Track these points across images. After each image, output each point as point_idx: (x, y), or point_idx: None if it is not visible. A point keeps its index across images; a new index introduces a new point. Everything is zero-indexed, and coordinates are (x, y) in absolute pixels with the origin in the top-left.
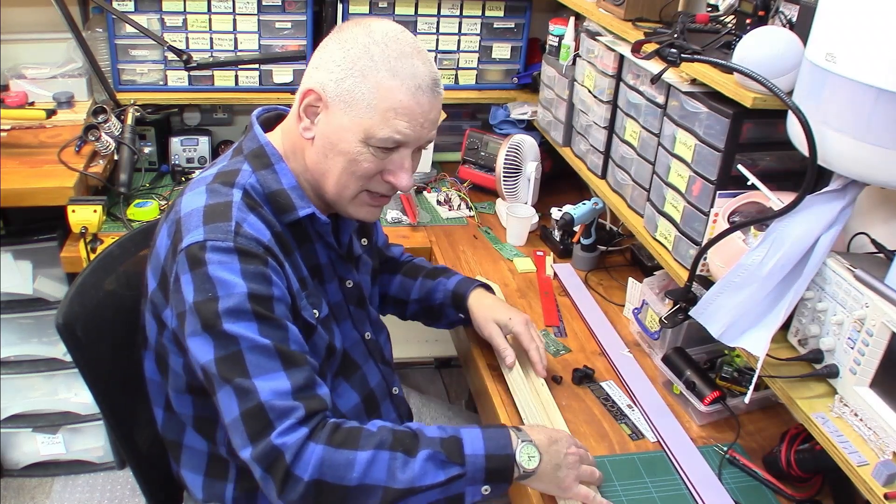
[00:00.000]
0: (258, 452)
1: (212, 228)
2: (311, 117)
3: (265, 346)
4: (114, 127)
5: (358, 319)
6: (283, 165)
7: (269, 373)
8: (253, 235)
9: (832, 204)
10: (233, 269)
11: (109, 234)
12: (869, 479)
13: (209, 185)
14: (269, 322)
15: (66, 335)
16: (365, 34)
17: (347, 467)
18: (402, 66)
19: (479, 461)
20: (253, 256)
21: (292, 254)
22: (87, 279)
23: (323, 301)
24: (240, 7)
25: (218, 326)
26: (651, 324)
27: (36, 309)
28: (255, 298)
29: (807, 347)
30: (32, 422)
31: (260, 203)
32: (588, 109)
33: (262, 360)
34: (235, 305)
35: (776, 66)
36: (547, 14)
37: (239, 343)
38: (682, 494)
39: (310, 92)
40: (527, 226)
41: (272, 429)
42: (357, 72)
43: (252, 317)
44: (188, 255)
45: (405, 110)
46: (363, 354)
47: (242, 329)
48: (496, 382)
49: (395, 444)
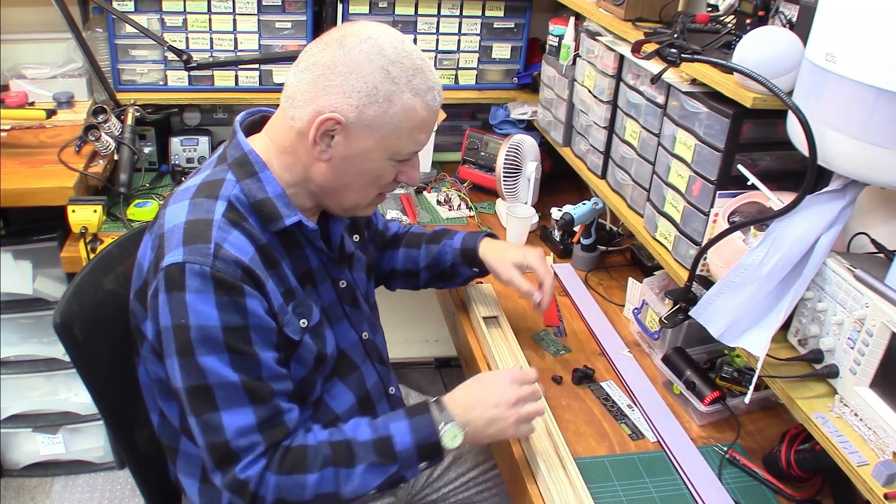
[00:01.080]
0: (226, 482)
1: (191, 250)
2: (327, 141)
3: (233, 384)
4: (114, 127)
5: (354, 319)
6: (268, 173)
7: (235, 407)
8: (233, 257)
9: (832, 204)
10: (208, 300)
11: (109, 234)
12: (869, 479)
13: (192, 199)
14: (241, 355)
15: (63, 334)
16: (377, 53)
17: (301, 489)
18: (420, 82)
19: (411, 453)
20: (229, 287)
21: (278, 265)
22: (86, 279)
23: (314, 307)
24: (240, 7)
25: (190, 357)
26: (651, 324)
27: (36, 309)
28: (229, 331)
29: (807, 347)
30: (32, 422)
31: (245, 215)
32: (588, 109)
33: (230, 396)
34: (208, 337)
35: (776, 66)
36: (547, 14)
37: (208, 377)
38: (682, 494)
39: (328, 120)
40: (527, 226)
41: (237, 463)
42: (382, 97)
43: (224, 349)
44: (167, 276)
45: (426, 124)
46: (361, 355)
47: (213, 363)
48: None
49: (336, 458)
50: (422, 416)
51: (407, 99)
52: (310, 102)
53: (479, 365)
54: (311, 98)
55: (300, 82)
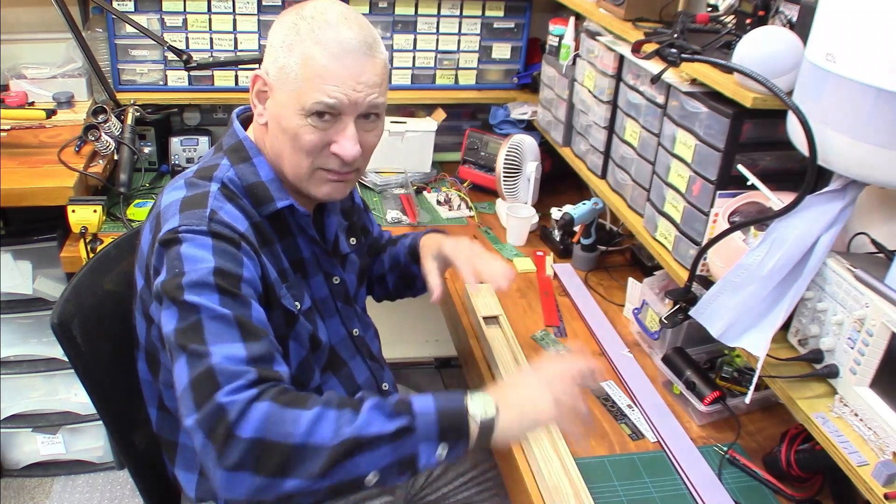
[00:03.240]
0: (202, 415)
1: (187, 216)
2: (263, 103)
3: (225, 316)
4: (114, 127)
5: (346, 316)
6: (261, 159)
7: (226, 341)
8: (228, 222)
9: (832, 204)
10: (204, 245)
11: (109, 234)
12: (869, 479)
13: (188, 180)
14: (232, 296)
15: (61, 336)
16: (295, 13)
17: (293, 423)
18: (325, 34)
19: (431, 417)
20: (226, 239)
21: (272, 245)
22: (83, 280)
23: (305, 294)
24: (240, 7)
25: (180, 297)
26: (651, 324)
27: (36, 309)
28: (221, 273)
29: (807, 347)
30: (32, 422)
31: (238, 195)
32: (588, 109)
33: (221, 329)
34: (200, 278)
35: (776, 66)
36: (547, 14)
37: (199, 312)
38: (682, 494)
39: (256, 78)
40: (527, 226)
41: (219, 388)
42: (286, 48)
43: (215, 289)
44: (163, 243)
45: (331, 75)
46: (350, 351)
47: (203, 299)
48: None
49: (343, 403)
50: (447, 392)
51: (307, 47)
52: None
53: (479, 365)
54: None
55: None
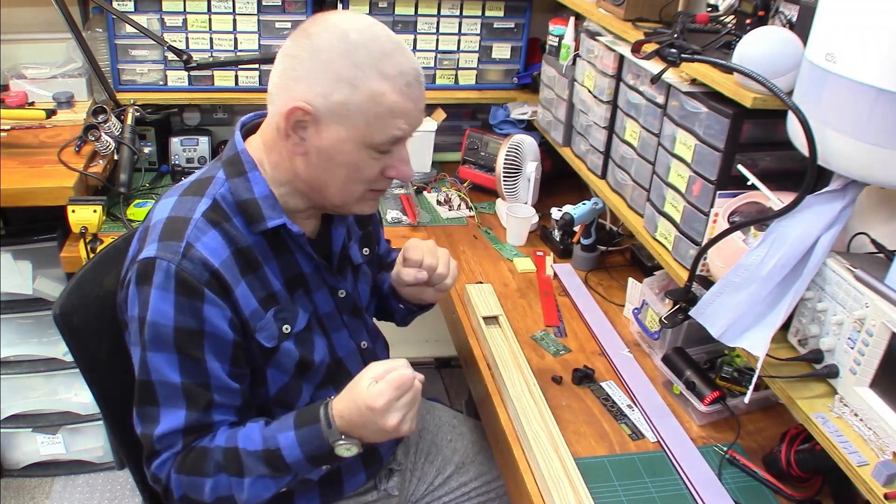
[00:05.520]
0: (149, 473)
1: (164, 246)
2: (300, 133)
3: (173, 385)
4: (114, 127)
5: (354, 329)
6: (257, 174)
7: (170, 408)
8: (201, 258)
9: (832, 204)
10: (167, 298)
11: (109, 234)
12: (869, 479)
13: (180, 196)
14: (189, 358)
15: (63, 325)
16: (340, 39)
17: (200, 489)
18: (388, 66)
19: (303, 464)
20: (190, 289)
21: (260, 268)
22: (87, 274)
23: (300, 313)
24: (240, 7)
25: (143, 350)
26: (651, 324)
27: (36, 309)
28: (181, 332)
29: (807, 347)
30: (32, 422)
31: (228, 215)
32: (588, 109)
33: (168, 395)
34: (160, 335)
35: (776, 66)
36: (547, 14)
37: (152, 374)
38: (682, 494)
39: (296, 110)
40: (527, 226)
41: (157, 457)
42: (346, 83)
43: (173, 349)
44: (139, 269)
45: (401, 110)
46: (358, 364)
47: (160, 361)
48: (496, 383)
49: (227, 466)
50: (309, 427)
51: (374, 83)
52: (281, 96)
53: (479, 365)
54: (282, 90)
55: (273, 76)
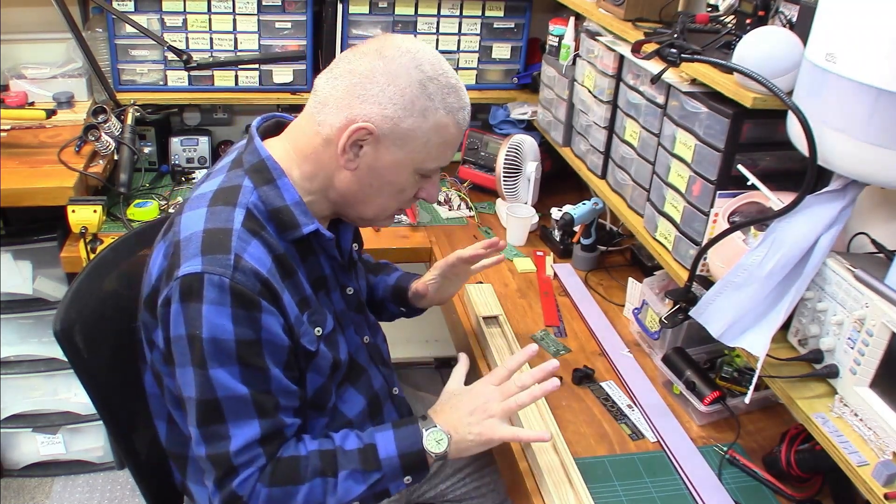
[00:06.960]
0: (223, 495)
1: (210, 260)
2: (356, 150)
3: (243, 397)
4: (114, 127)
5: (357, 324)
6: (286, 180)
7: (242, 421)
8: (252, 269)
9: (832, 204)
10: (223, 313)
11: (109, 234)
12: (869, 479)
13: (210, 206)
14: (252, 368)
15: (64, 342)
16: (416, 68)
17: (291, 499)
18: (454, 101)
19: (394, 461)
20: (247, 301)
21: (294, 274)
22: (83, 284)
23: (328, 314)
24: (240, 7)
25: (202, 368)
26: (651, 324)
27: (36, 309)
28: (242, 344)
29: (807, 347)
30: (32, 422)
31: (263, 224)
32: (588, 109)
33: (239, 408)
34: (221, 350)
35: (776, 66)
36: (547, 14)
37: (218, 391)
38: (682, 494)
39: (361, 129)
40: (527, 226)
41: (236, 476)
42: (418, 112)
43: (235, 362)
44: (183, 285)
45: (454, 141)
46: (366, 357)
47: (225, 376)
48: None
49: (324, 467)
50: (406, 426)
51: (441, 116)
52: (342, 110)
53: (479, 365)
54: (343, 105)
55: (333, 89)
